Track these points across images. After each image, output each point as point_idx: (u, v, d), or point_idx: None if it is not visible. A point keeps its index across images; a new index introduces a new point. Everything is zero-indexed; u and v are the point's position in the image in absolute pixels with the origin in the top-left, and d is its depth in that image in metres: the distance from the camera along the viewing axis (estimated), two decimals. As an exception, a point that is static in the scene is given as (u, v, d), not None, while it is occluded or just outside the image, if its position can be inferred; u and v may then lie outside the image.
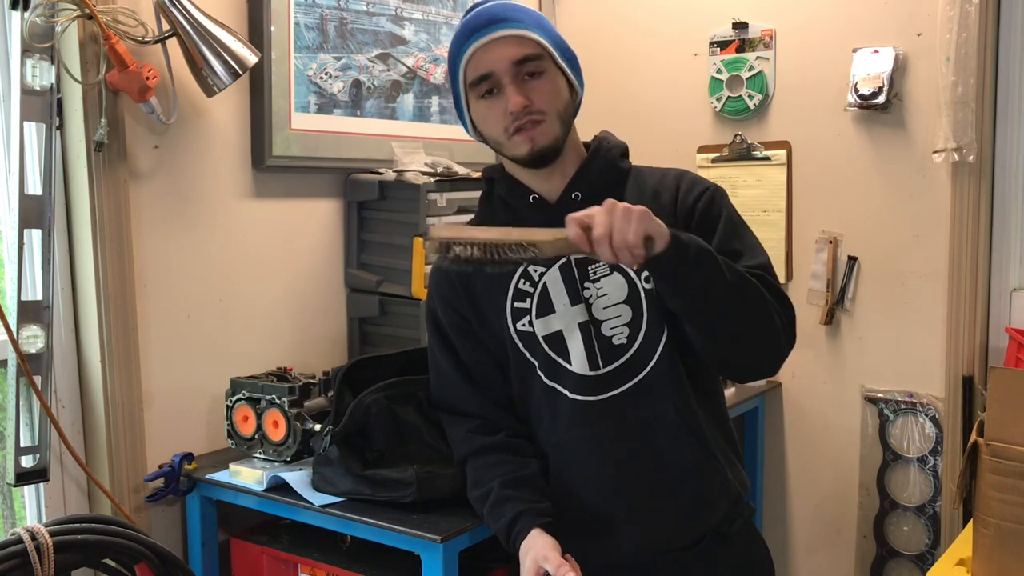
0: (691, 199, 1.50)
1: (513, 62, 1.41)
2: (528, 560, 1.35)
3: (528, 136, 1.43)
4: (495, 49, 1.42)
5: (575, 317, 1.47)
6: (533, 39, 1.43)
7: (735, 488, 1.52)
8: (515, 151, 1.46)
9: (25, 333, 1.71)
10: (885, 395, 2.44)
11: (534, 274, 1.49)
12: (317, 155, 2.16)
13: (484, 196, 1.61)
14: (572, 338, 1.46)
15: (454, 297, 1.54)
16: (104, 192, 1.77)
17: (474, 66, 1.43)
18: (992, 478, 1.42)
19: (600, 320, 1.46)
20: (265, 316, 2.12)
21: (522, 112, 1.41)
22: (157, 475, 1.84)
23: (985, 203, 2.26)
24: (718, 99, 2.62)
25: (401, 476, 1.63)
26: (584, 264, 1.47)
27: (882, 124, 2.40)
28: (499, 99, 1.43)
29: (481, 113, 1.47)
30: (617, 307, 1.46)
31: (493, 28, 1.42)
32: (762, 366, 1.48)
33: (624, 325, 1.46)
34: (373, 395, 1.67)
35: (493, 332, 1.53)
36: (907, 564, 2.44)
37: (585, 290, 1.47)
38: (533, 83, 1.43)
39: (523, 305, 1.49)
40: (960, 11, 2.20)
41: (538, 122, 1.42)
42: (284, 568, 1.85)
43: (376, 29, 2.27)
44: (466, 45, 1.44)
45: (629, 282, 1.47)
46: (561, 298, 1.47)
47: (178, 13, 1.78)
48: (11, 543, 1.29)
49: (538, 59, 1.43)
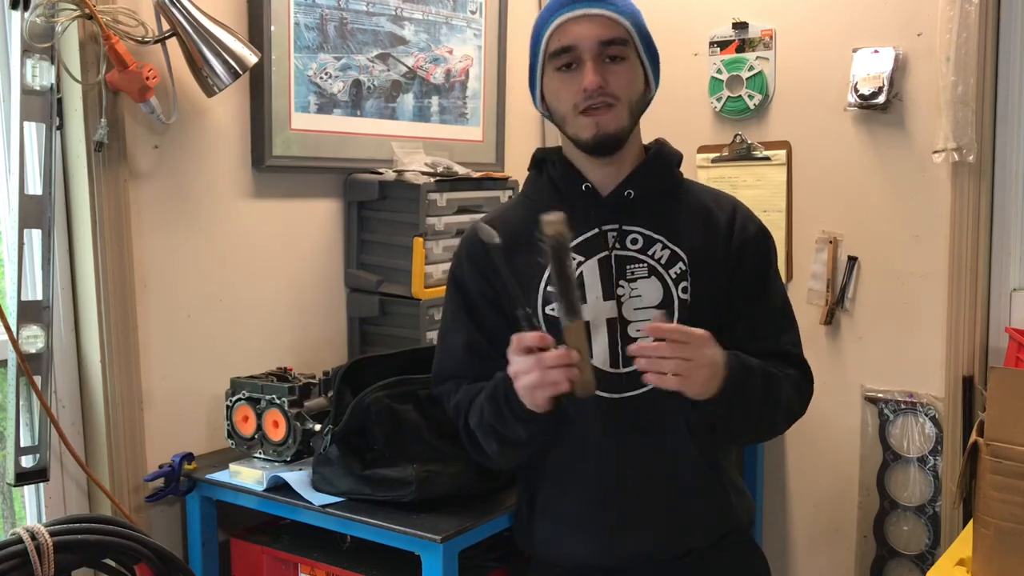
0: (750, 233, 1.53)
1: (599, 41, 1.41)
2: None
3: (595, 120, 1.43)
4: (584, 24, 1.42)
5: (604, 312, 1.46)
6: (623, 24, 1.43)
7: (733, 506, 1.51)
8: (579, 132, 1.45)
9: (25, 333, 1.71)
10: (885, 395, 2.44)
11: (572, 262, 1.47)
12: (317, 155, 2.16)
13: (530, 179, 1.59)
14: (597, 332, 1.46)
15: (488, 267, 1.51)
16: (104, 192, 1.77)
17: (559, 36, 1.43)
18: (992, 478, 1.42)
19: (629, 320, 1.46)
20: (265, 316, 2.12)
21: (596, 91, 1.41)
22: (157, 475, 1.84)
23: (985, 203, 2.25)
24: (718, 99, 2.62)
25: (401, 475, 1.63)
26: (623, 264, 1.47)
27: (882, 124, 2.40)
28: (576, 75, 1.43)
29: (554, 86, 1.46)
30: (649, 311, 1.45)
31: (587, 4, 1.42)
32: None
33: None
34: (373, 394, 1.67)
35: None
36: (907, 564, 2.44)
37: (619, 288, 1.46)
38: (613, 67, 1.43)
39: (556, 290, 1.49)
40: (960, 11, 2.19)
41: (610, 105, 1.42)
42: (284, 568, 1.84)
43: (376, 29, 2.27)
44: (556, 15, 1.44)
45: (665, 288, 1.46)
46: (594, 290, 1.46)
47: (178, 13, 1.78)
48: (11, 543, 1.29)
49: (623, 44, 1.43)
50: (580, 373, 1.30)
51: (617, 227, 1.48)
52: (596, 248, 1.48)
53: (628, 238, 1.48)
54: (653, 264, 1.47)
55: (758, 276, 1.54)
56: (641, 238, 1.48)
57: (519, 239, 1.48)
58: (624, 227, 1.49)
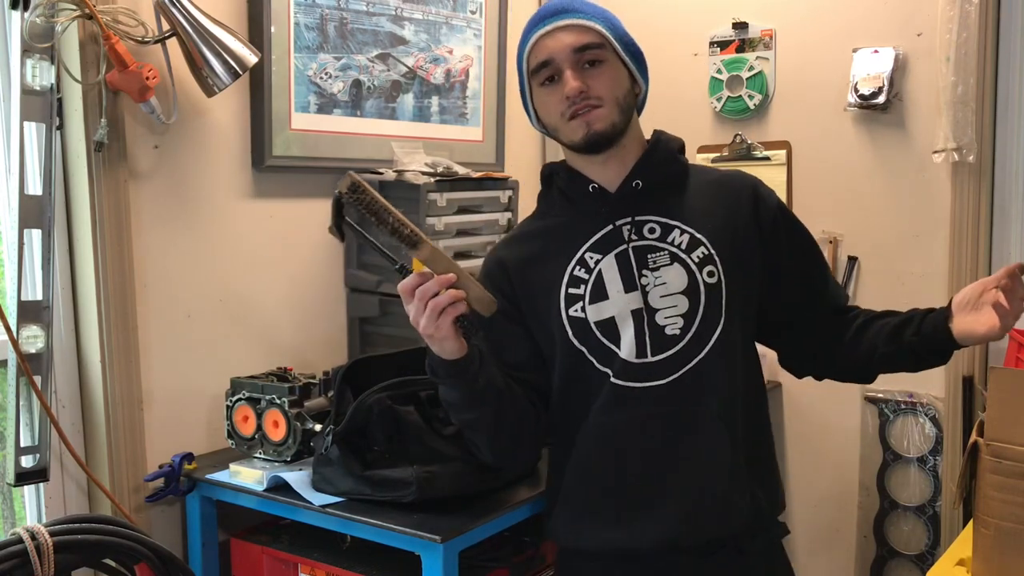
0: (774, 203, 1.59)
1: (573, 49, 1.46)
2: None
3: (584, 120, 1.46)
4: (556, 37, 1.47)
5: (629, 304, 1.48)
6: (594, 29, 1.47)
7: (760, 500, 1.51)
8: (571, 136, 1.49)
9: (25, 333, 1.71)
10: (885, 395, 2.44)
11: (590, 261, 1.50)
12: (317, 155, 2.16)
13: (542, 194, 1.63)
14: (624, 325, 1.47)
15: (506, 284, 1.54)
16: (104, 192, 1.77)
17: (536, 53, 1.49)
18: (992, 478, 1.42)
19: (656, 309, 1.47)
20: (265, 316, 2.12)
21: (578, 96, 1.45)
22: (157, 475, 1.84)
23: (985, 203, 2.26)
24: (718, 99, 2.62)
25: (401, 476, 1.63)
26: (644, 253, 1.49)
27: (882, 124, 2.40)
28: (559, 86, 1.47)
29: (542, 100, 1.51)
30: (674, 297, 1.48)
31: (556, 18, 1.48)
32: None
33: (679, 316, 1.47)
34: (375, 395, 1.67)
35: (542, 322, 1.53)
36: (907, 564, 2.44)
37: (643, 278, 1.48)
38: (592, 71, 1.47)
39: (577, 291, 1.50)
40: (960, 11, 2.20)
41: (595, 107, 1.46)
42: (284, 568, 1.84)
43: (376, 29, 2.27)
44: (530, 34, 1.50)
45: (689, 274, 1.48)
46: (615, 284, 1.49)
47: (178, 13, 1.78)
48: (11, 543, 1.29)
49: (598, 48, 1.47)
50: (468, 291, 1.35)
51: (630, 219, 1.51)
52: (613, 244, 1.50)
53: (645, 228, 1.51)
54: (674, 251, 1.49)
55: (802, 242, 1.61)
56: (658, 227, 1.51)
57: (540, 251, 1.54)
58: (637, 217, 1.51)
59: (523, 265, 1.55)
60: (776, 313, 1.58)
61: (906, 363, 1.54)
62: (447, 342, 1.37)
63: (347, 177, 1.36)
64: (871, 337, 1.54)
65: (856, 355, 1.56)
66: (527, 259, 1.54)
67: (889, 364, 1.55)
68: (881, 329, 1.54)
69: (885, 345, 1.52)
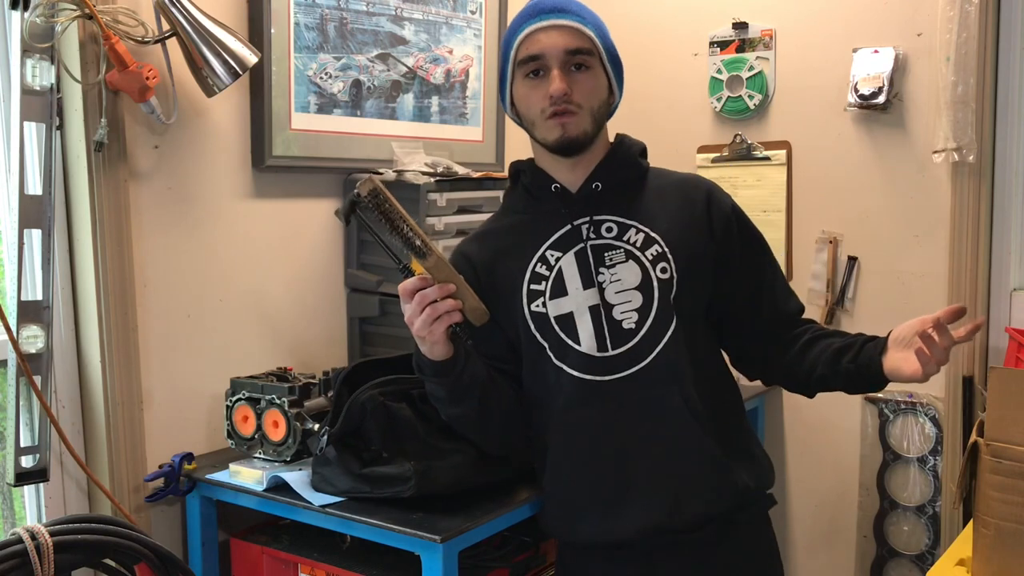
0: (728, 207, 1.61)
1: (566, 50, 1.50)
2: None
3: (560, 123, 1.51)
4: (552, 34, 1.50)
5: (587, 300, 1.53)
6: (588, 35, 1.51)
7: (742, 480, 1.54)
8: (546, 134, 1.53)
9: (25, 333, 1.71)
10: (885, 395, 2.44)
11: (551, 259, 1.56)
12: (317, 155, 2.16)
13: (508, 190, 1.70)
14: (582, 320, 1.53)
15: (473, 280, 1.57)
16: (104, 192, 1.77)
17: (527, 45, 1.51)
18: (992, 478, 1.42)
19: (612, 304, 1.53)
20: (265, 316, 2.12)
21: (561, 98, 1.49)
22: (157, 475, 1.84)
23: (985, 203, 2.25)
24: (718, 99, 2.62)
25: (399, 471, 1.63)
26: (600, 251, 1.54)
27: (882, 124, 2.40)
28: (543, 81, 1.51)
29: (523, 92, 1.55)
30: (629, 292, 1.53)
31: (555, 15, 1.51)
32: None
33: (634, 310, 1.52)
34: (367, 392, 1.67)
35: (508, 314, 1.58)
36: (907, 564, 2.44)
37: (599, 275, 1.54)
38: (578, 75, 1.51)
39: (539, 287, 1.55)
40: (960, 11, 2.19)
41: (573, 113, 1.50)
42: (284, 568, 1.84)
43: (376, 29, 2.27)
44: (525, 24, 1.52)
45: (643, 270, 1.53)
46: (574, 282, 1.54)
47: (178, 13, 1.78)
48: (11, 543, 1.29)
49: (588, 54, 1.51)
50: (465, 301, 1.44)
51: (589, 219, 1.56)
52: (572, 242, 1.56)
53: (603, 227, 1.56)
54: (629, 248, 1.55)
55: (755, 245, 1.64)
56: (615, 226, 1.56)
57: (505, 248, 1.60)
58: (595, 217, 1.57)
59: (489, 262, 1.60)
60: (723, 312, 1.62)
61: (841, 387, 1.58)
62: (437, 346, 1.44)
63: (369, 181, 1.39)
64: (814, 356, 1.58)
65: (799, 371, 1.60)
66: (493, 256, 1.60)
67: (826, 385, 1.59)
68: (824, 350, 1.57)
69: (824, 367, 1.56)
